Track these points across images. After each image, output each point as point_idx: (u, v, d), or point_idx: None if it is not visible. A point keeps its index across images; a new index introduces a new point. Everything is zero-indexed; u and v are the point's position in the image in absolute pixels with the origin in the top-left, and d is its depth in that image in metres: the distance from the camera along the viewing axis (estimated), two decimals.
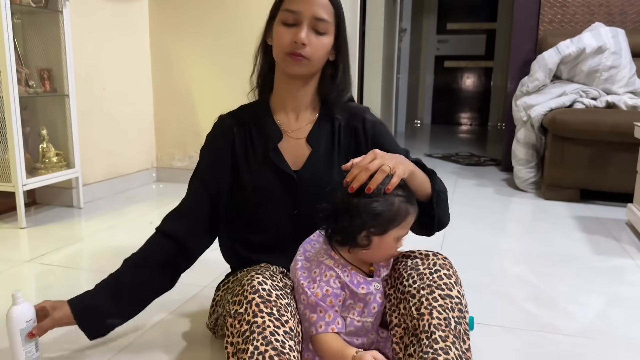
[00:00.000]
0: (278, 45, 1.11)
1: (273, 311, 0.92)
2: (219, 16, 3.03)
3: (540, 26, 3.62)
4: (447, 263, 1.06)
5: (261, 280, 0.97)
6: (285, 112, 1.20)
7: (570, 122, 2.80)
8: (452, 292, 1.00)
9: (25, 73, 2.40)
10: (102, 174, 2.90)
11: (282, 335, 0.90)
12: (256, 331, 0.90)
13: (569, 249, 2.13)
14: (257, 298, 0.93)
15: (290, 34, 1.09)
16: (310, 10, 1.08)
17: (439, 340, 0.93)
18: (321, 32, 1.10)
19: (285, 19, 1.10)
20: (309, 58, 1.10)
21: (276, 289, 0.97)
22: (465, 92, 7.39)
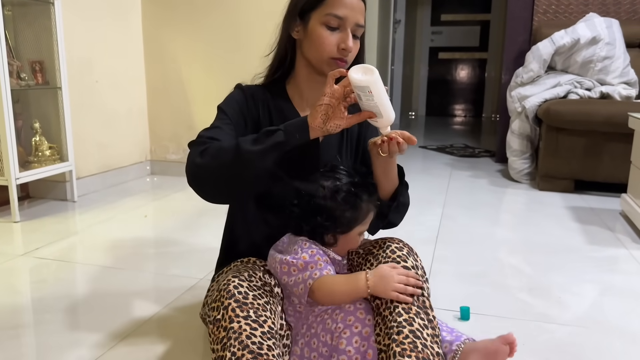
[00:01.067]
0: (321, 48, 1.12)
1: (250, 314, 0.92)
2: (212, 7, 3.00)
3: (535, 17, 3.61)
4: (395, 239, 1.10)
5: (237, 283, 0.97)
6: (302, 101, 1.22)
7: (565, 112, 2.80)
8: (408, 263, 1.03)
9: (17, 65, 2.37)
10: (96, 167, 2.88)
11: (260, 336, 0.90)
12: (232, 337, 0.90)
13: (563, 239, 2.14)
14: (233, 303, 0.93)
15: (335, 39, 1.11)
16: (354, 17, 1.11)
17: (402, 313, 0.95)
18: (357, 37, 1.15)
19: (329, 22, 1.10)
20: (348, 63, 1.14)
21: (253, 289, 0.97)
22: (460, 83, 7.39)
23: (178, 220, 2.37)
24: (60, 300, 1.54)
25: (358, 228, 1.07)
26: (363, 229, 1.09)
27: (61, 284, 1.67)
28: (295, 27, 1.16)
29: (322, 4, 1.11)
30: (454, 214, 2.48)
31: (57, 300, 1.54)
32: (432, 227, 2.28)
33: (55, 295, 1.57)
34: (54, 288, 1.63)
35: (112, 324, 1.39)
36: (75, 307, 1.52)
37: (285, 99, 1.21)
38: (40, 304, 1.51)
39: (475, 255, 1.96)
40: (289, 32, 1.18)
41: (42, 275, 1.74)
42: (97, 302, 1.53)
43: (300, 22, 1.15)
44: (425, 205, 2.62)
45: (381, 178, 1.13)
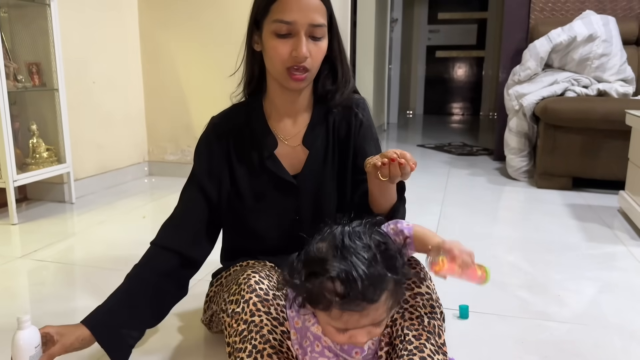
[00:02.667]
0: (275, 60, 1.03)
1: (270, 310, 0.91)
2: (209, 7, 3.00)
3: (531, 15, 3.61)
4: (411, 262, 1.03)
5: (258, 279, 0.96)
6: (281, 118, 1.15)
7: (562, 110, 2.80)
8: (422, 289, 0.97)
9: (14, 67, 2.37)
10: (93, 169, 2.87)
11: (280, 334, 0.90)
12: (254, 330, 0.89)
13: (561, 237, 2.15)
14: (255, 297, 0.92)
15: (287, 46, 1.01)
16: (306, 19, 1.00)
17: (412, 341, 0.91)
18: (318, 38, 1.04)
19: (278, 29, 1.01)
20: (310, 69, 1.04)
21: (273, 289, 0.96)
22: (457, 82, 7.39)
23: None
24: (59, 303, 1.54)
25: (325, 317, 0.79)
26: (337, 327, 0.79)
27: (60, 286, 1.66)
28: (255, 39, 1.10)
29: (269, 11, 1.02)
30: (452, 212, 2.49)
31: (55, 303, 1.53)
32: (430, 225, 2.28)
33: (54, 297, 1.57)
34: (53, 290, 1.63)
35: None
36: (74, 309, 1.51)
37: (260, 118, 1.15)
38: (39, 307, 1.51)
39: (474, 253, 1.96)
40: (251, 45, 1.11)
41: (41, 277, 1.74)
42: (96, 304, 1.52)
43: (257, 32, 1.08)
44: (423, 204, 2.62)
45: (378, 197, 1.06)
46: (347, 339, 0.80)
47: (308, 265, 0.78)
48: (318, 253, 0.78)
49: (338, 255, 0.76)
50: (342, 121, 1.16)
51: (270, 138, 1.13)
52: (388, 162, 0.94)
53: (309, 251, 0.80)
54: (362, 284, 0.73)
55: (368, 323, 0.78)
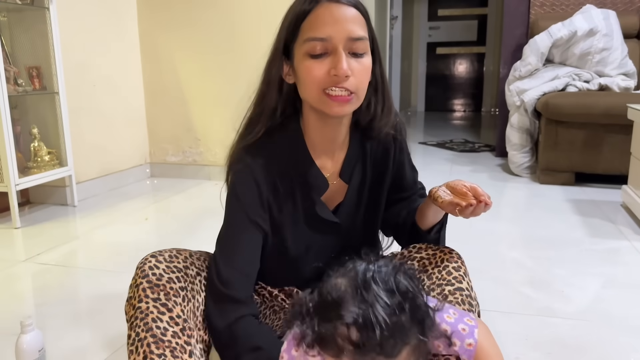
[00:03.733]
0: (309, 83, 0.88)
1: (160, 296, 0.88)
2: (208, 8, 3.00)
3: (532, 10, 3.60)
4: (454, 255, 1.01)
5: (153, 264, 0.92)
6: (319, 155, 1.00)
7: (564, 105, 2.79)
8: (462, 285, 0.96)
9: (14, 71, 2.37)
10: (95, 171, 2.88)
11: (167, 322, 0.86)
12: (139, 317, 0.87)
13: (564, 232, 2.14)
14: (145, 283, 0.89)
15: (323, 66, 0.86)
16: (343, 32, 0.86)
17: None
18: (360, 54, 0.88)
19: (312, 49, 0.86)
20: (354, 91, 0.88)
21: (172, 271, 0.92)
22: (458, 78, 7.38)
23: (179, 222, 2.37)
24: (63, 306, 1.54)
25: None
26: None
27: (63, 289, 1.67)
28: (287, 71, 0.94)
29: (300, 30, 0.88)
30: None
31: (59, 306, 1.54)
32: None
33: (57, 301, 1.57)
34: (57, 293, 1.63)
35: (115, 328, 1.39)
36: (78, 312, 1.52)
37: (308, 159, 0.98)
38: (42, 310, 1.51)
39: (477, 250, 1.96)
40: (280, 76, 0.94)
41: (44, 280, 1.74)
42: (99, 307, 1.53)
43: (287, 61, 0.93)
44: None
45: (430, 219, 1.04)
46: None
47: (321, 306, 0.68)
48: (335, 292, 0.67)
49: (357, 297, 0.65)
50: (379, 148, 1.05)
51: (322, 181, 0.99)
52: (477, 204, 0.90)
53: (324, 289, 0.69)
54: (382, 334, 0.62)
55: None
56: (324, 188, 1.00)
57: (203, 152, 3.19)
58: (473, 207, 0.89)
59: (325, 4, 0.86)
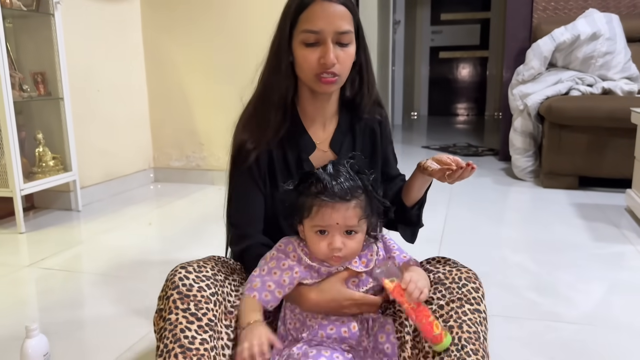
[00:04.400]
0: (305, 67, 1.07)
1: (189, 306, 0.92)
2: (211, 14, 3.01)
3: (534, 14, 3.60)
4: (471, 275, 1.04)
5: (183, 275, 0.97)
6: (312, 123, 1.18)
7: (567, 109, 2.79)
8: (480, 307, 0.98)
9: (19, 77, 2.38)
10: (99, 176, 2.89)
11: (195, 330, 0.90)
12: (168, 328, 0.91)
13: (568, 237, 2.14)
14: (175, 294, 0.94)
15: (315, 54, 1.05)
16: (332, 26, 1.04)
17: (470, 354, 0.91)
18: (345, 44, 1.07)
19: (306, 39, 1.05)
20: (339, 74, 1.07)
21: (201, 280, 0.97)
22: (461, 82, 7.38)
23: (182, 226, 2.38)
24: (67, 310, 1.54)
25: (308, 222, 0.96)
26: (312, 225, 0.95)
27: (67, 293, 1.67)
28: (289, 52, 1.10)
29: (298, 21, 1.06)
30: (458, 214, 2.48)
31: (63, 310, 1.54)
32: (436, 227, 2.27)
33: (62, 305, 1.58)
34: (61, 298, 1.63)
35: (119, 332, 1.40)
36: (82, 316, 1.52)
37: (298, 121, 1.16)
38: (47, 314, 1.52)
39: (481, 254, 1.95)
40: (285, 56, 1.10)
41: (49, 285, 1.75)
42: (103, 311, 1.54)
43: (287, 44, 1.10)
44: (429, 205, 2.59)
45: (415, 194, 1.15)
46: (326, 247, 0.95)
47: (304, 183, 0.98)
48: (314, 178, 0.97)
49: (327, 174, 0.96)
50: (367, 129, 1.21)
51: (309, 141, 1.17)
52: (466, 166, 1.02)
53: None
54: (338, 186, 0.94)
55: (340, 221, 0.94)
56: (312, 148, 1.16)
57: (206, 156, 3.20)
58: (462, 170, 1.02)
59: (320, 2, 1.04)
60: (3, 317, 1.51)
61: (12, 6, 2.27)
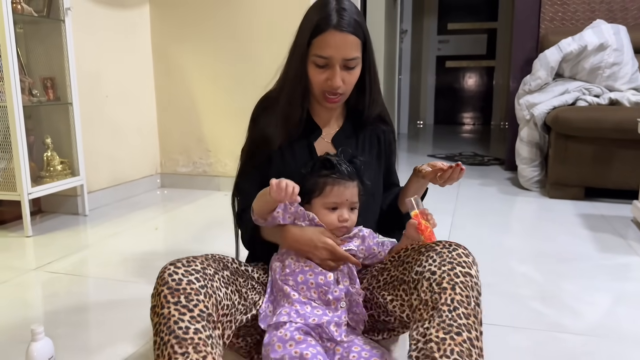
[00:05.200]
0: (313, 84, 1.20)
1: (180, 299, 0.96)
2: (220, 21, 3.04)
3: (541, 24, 3.61)
4: (461, 245, 1.06)
5: (172, 270, 1.00)
6: (319, 119, 1.30)
7: (574, 119, 2.79)
8: (472, 271, 1.00)
9: (29, 82, 2.41)
10: (106, 181, 2.90)
11: (188, 320, 0.94)
12: (162, 322, 0.94)
13: (574, 247, 2.13)
14: (166, 289, 0.97)
15: (323, 75, 1.18)
16: (340, 54, 1.15)
17: (462, 317, 0.93)
18: (352, 67, 1.18)
19: (317, 61, 1.17)
20: (343, 93, 1.21)
21: (190, 273, 1.00)
22: (468, 91, 7.38)
23: (188, 232, 2.38)
24: (73, 314, 1.55)
25: (319, 200, 1.13)
26: (324, 202, 1.13)
27: (73, 297, 1.68)
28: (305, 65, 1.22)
29: (312, 43, 1.17)
30: (463, 223, 2.48)
31: (69, 314, 1.55)
32: (441, 236, 2.27)
33: (68, 309, 1.58)
34: (66, 302, 1.64)
35: (123, 337, 1.40)
36: (87, 321, 1.53)
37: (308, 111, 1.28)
38: (53, 318, 1.52)
39: (486, 264, 1.95)
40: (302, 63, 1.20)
41: (54, 289, 1.76)
42: (109, 316, 1.54)
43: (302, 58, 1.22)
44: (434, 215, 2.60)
45: (413, 194, 1.25)
46: (336, 219, 1.13)
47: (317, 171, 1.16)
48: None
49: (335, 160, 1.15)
50: (372, 137, 1.32)
51: (316, 128, 1.29)
52: (454, 167, 1.14)
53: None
54: (346, 168, 1.14)
55: (349, 197, 1.13)
56: (318, 134, 1.29)
57: (213, 163, 3.21)
58: (452, 170, 1.16)
59: (332, 31, 1.14)
60: (9, 320, 1.51)
61: (23, 12, 2.29)
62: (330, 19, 1.14)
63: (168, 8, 3.13)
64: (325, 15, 1.15)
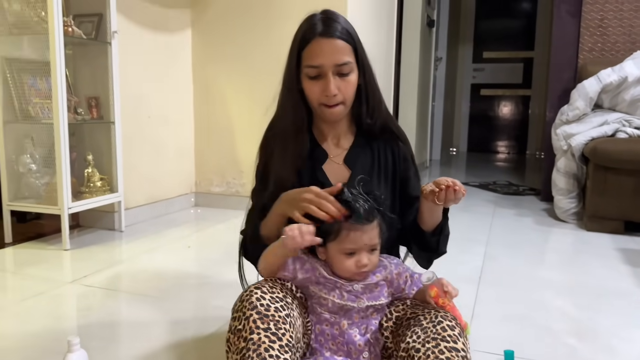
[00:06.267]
0: (310, 98, 1.18)
1: (270, 326, 0.94)
2: (259, 51, 3.11)
3: (580, 54, 3.57)
4: (448, 315, 1.03)
5: (259, 295, 0.99)
6: (325, 139, 1.27)
7: (613, 151, 2.73)
8: (458, 345, 0.96)
9: (75, 101, 2.51)
10: (143, 198, 2.97)
11: (278, 349, 0.92)
12: (252, 348, 0.92)
13: (612, 282, 2.06)
14: (255, 314, 0.95)
15: (318, 86, 1.15)
16: (331, 61, 1.13)
17: None
18: (346, 73, 1.15)
19: (309, 73, 1.15)
20: (342, 101, 1.17)
21: (275, 301, 0.99)
22: (503, 119, 7.31)
23: (220, 251, 2.41)
24: (105, 328, 1.58)
25: (335, 245, 1.05)
26: (341, 248, 1.04)
27: (106, 311, 1.71)
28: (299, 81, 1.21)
29: (302, 57, 1.16)
30: (497, 254, 2.43)
31: (101, 328, 1.58)
32: (474, 266, 2.23)
33: (100, 323, 1.61)
34: (99, 315, 1.68)
35: (153, 353, 1.42)
36: (118, 335, 1.56)
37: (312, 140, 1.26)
38: (86, 331, 1.56)
39: (520, 296, 1.91)
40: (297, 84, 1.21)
41: (89, 302, 1.80)
42: (139, 331, 1.57)
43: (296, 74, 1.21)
44: (467, 244, 2.57)
45: (428, 217, 1.17)
46: (354, 264, 1.04)
47: None
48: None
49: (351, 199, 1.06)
50: (386, 149, 1.27)
51: (321, 153, 1.25)
52: (445, 189, 1.05)
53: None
54: (363, 209, 1.03)
55: (367, 242, 1.04)
56: (324, 158, 1.24)
57: (246, 183, 3.26)
58: (444, 191, 1.06)
59: (319, 39, 1.13)
60: (45, 331, 1.55)
61: (73, 34, 2.40)
62: (316, 28, 1.14)
63: (209, 33, 3.23)
64: (311, 25, 1.15)
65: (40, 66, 2.37)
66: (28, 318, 1.65)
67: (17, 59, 2.43)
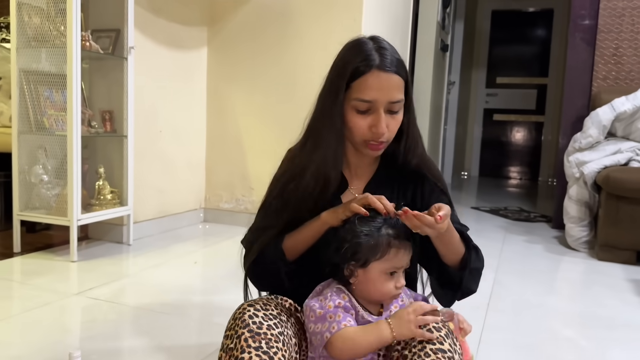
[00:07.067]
0: (355, 133, 1.09)
1: (261, 344, 0.93)
2: (273, 71, 3.14)
3: (594, 82, 3.56)
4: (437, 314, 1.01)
5: (252, 313, 0.98)
6: (349, 168, 1.20)
7: (626, 180, 2.70)
8: (444, 346, 0.94)
9: (89, 114, 2.54)
10: (152, 213, 2.98)
11: None
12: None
13: (624, 313, 2.02)
14: (247, 332, 0.94)
15: (366, 122, 1.07)
16: (386, 97, 1.05)
17: None
18: (396, 111, 1.09)
19: (358, 107, 1.07)
20: (387, 140, 1.10)
21: (269, 318, 0.98)
22: (515, 145, 7.28)
23: (226, 268, 2.40)
24: (107, 342, 1.57)
25: (378, 264, 0.99)
26: (386, 268, 0.99)
27: (110, 325, 1.71)
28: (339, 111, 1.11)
29: (351, 87, 1.06)
30: (506, 280, 2.40)
31: (104, 341, 1.57)
32: (483, 292, 2.19)
33: (103, 336, 1.61)
34: (103, 329, 1.67)
35: None
36: (120, 349, 1.55)
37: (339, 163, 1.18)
38: (88, 344, 1.55)
39: (529, 325, 1.87)
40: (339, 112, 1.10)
41: (93, 315, 1.79)
42: (141, 346, 1.55)
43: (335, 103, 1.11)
44: None
45: (441, 249, 1.07)
46: (393, 287, 1.00)
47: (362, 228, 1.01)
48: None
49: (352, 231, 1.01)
50: (408, 184, 1.20)
51: (343, 182, 1.18)
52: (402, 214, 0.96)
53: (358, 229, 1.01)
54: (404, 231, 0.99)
55: (406, 262, 1.01)
56: (344, 187, 1.17)
57: (255, 200, 3.26)
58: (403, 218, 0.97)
59: (376, 72, 1.04)
60: (48, 342, 1.55)
61: (91, 49, 2.44)
62: (372, 59, 1.05)
63: (224, 51, 3.27)
64: (366, 55, 1.06)
65: (57, 79, 2.41)
66: (32, 328, 1.64)
67: (35, 71, 2.46)
